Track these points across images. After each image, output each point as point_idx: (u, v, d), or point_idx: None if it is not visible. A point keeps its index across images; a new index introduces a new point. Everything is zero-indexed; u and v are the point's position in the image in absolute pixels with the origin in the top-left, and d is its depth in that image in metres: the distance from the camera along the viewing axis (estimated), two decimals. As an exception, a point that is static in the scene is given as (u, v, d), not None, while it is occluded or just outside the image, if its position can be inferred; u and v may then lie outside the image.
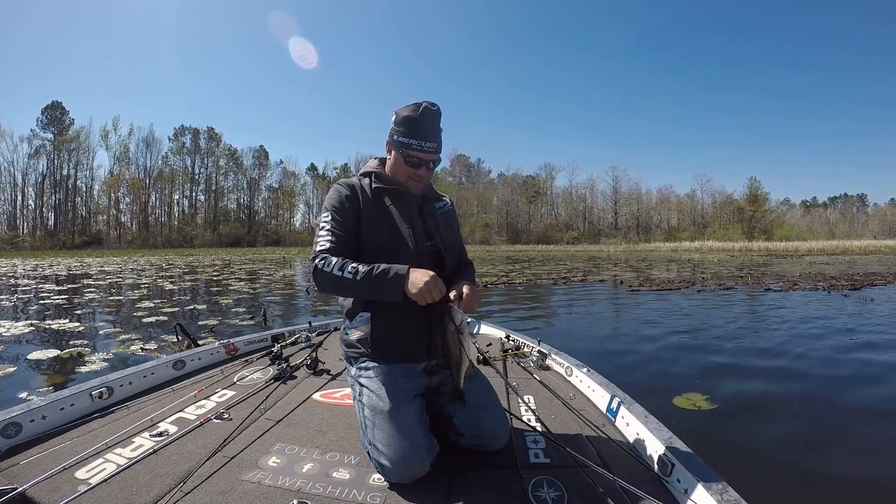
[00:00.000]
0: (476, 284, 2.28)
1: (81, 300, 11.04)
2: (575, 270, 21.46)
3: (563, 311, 9.90)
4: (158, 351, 5.55)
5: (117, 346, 5.89)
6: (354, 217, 2.21)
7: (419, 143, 2.20)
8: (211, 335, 6.54)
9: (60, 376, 4.70)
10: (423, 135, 2.19)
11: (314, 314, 9.15)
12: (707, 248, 58.54)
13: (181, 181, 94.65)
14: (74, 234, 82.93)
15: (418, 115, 2.18)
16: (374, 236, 2.20)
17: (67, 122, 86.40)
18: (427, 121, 2.19)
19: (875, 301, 10.40)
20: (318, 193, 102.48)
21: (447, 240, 2.37)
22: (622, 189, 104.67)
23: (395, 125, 2.24)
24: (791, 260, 32.47)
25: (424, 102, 2.20)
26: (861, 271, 19.61)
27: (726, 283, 14.73)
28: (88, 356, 5.40)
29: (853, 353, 5.77)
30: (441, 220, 2.41)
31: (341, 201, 2.23)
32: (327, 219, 2.21)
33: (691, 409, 3.94)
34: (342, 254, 2.14)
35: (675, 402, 4.07)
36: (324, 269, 2.08)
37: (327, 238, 2.17)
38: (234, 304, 10.40)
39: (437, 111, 2.23)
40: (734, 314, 8.96)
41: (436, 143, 2.24)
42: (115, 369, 4.82)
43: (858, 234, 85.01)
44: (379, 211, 2.24)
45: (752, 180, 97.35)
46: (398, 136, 2.22)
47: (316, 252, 2.15)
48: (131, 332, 6.83)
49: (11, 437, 2.17)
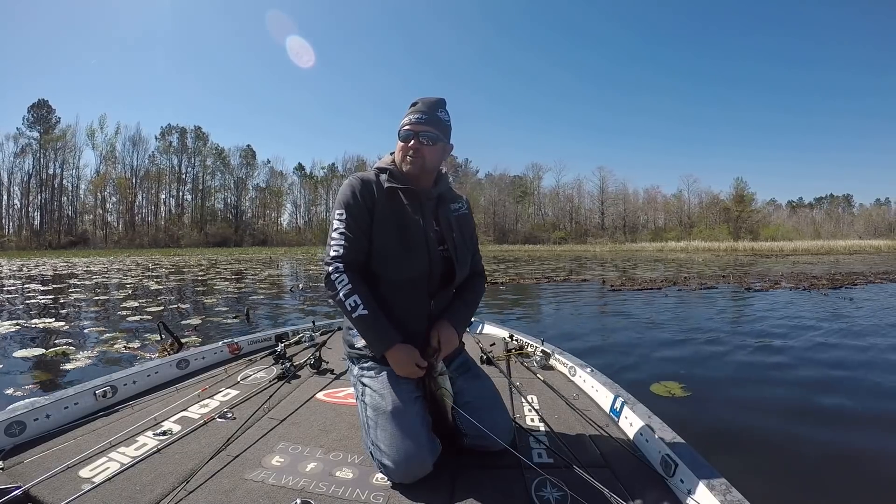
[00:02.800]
0: (468, 312, 2.40)
1: (67, 300, 11.09)
2: (559, 270, 21.64)
3: (543, 308, 10.21)
4: (142, 349, 5.67)
5: (101, 345, 6.00)
6: (368, 215, 2.19)
7: (410, 119, 2.22)
8: (194, 334, 6.68)
9: (46, 374, 4.80)
10: (414, 112, 2.23)
11: (301, 314, 9.29)
12: (693, 248, 59.07)
13: (168, 180, 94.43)
14: (60, 233, 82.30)
15: (415, 101, 2.27)
16: (386, 238, 2.18)
17: (54, 120, 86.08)
18: (422, 102, 2.26)
19: (854, 300, 10.62)
20: (306, 193, 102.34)
21: (459, 247, 2.34)
22: (609, 189, 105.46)
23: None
24: (775, 260, 32.79)
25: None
26: (844, 271, 19.92)
27: (708, 282, 14.96)
28: (73, 354, 5.49)
29: (822, 347, 6.11)
30: (455, 225, 2.38)
31: (355, 197, 2.19)
32: (341, 217, 2.18)
33: (666, 396, 4.27)
34: (355, 260, 2.15)
35: (651, 388, 4.42)
36: (335, 284, 2.09)
37: (340, 242, 2.14)
38: (217, 303, 10.49)
39: (437, 98, 2.30)
40: (713, 311, 9.30)
41: (427, 115, 2.24)
42: (98, 367, 5.00)
43: (844, 235, 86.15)
44: (392, 211, 2.21)
45: (738, 181, 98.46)
46: (400, 126, 2.28)
47: (330, 258, 2.14)
48: (115, 331, 6.94)
49: (15, 436, 2.19)
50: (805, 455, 3.20)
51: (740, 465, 2.97)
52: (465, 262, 2.36)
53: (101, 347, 5.87)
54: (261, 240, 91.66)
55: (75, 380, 4.55)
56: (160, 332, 5.40)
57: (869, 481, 2.89)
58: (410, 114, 2.24)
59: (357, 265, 2.16)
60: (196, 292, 13.02)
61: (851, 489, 2.81)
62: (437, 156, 2.30)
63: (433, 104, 2.26)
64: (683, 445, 2.04)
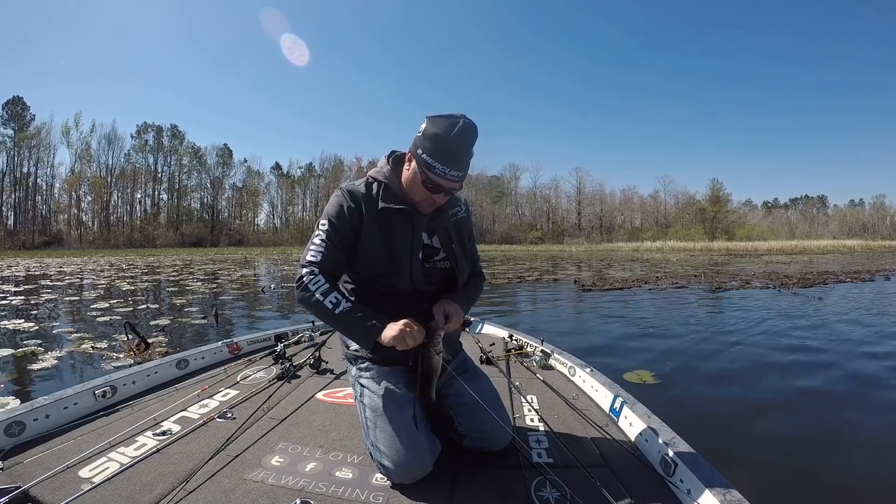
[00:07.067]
0: (469, 300, 2.29)
1: (38, 300, 11.15)
2: (532, 270, 21.92)
3: (517, 307, 10.53)
4: (109, 350, 5.82)
5: (70, 345, 6.14)
6: (352, 232, 2.09)
7: (442, 170, 1.96)
8: (161, 334, 6.87)
9: (13, 374, 4.94)
10: (449, 160, 1.96)
11: (272, 313, 9.49)
12: (668, 248, 59.91)
13: (143, 180, 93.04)
14: (34, 233, 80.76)
15: (450, 137, 1.93)
16: (370, 255, 2.11)
17: (28, 117, 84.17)
18: (458, 145, 1.96)
19: (822, 299, 11.03)
20: (283, 193, 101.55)
21: (460, 257, 2.26)
22: (586, 190, 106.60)
23: (423, 137, 1.99)
24: (749, 259, 33.35)
25: (461, 121, 1.96)
26: (816, 270, 20.40)
27: (679, 281, 15.29)
28: (42, 355, 5.62)
29: (782, 340, 6.67)
30: (454, 233, 2.28)
31: (342, 213, 2.09)
32: (324, 228, 2.09)
33: (638, 383, 4.65)
34: (330, 271, 2.07)
35: (624, 377, 4.80)
36: (308, 286, 2.00)
37: (320, 249, 2.06)
38: (188, 303, 10.63)
39: (473, 133, 2.00)
40: (683, 309, 9.76)
41: (462, 171, 2.01)
42: (67, 367, 5.17)
43: (819, 235, 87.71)
44: (381, 231, 2.11)
45: (714, 182, 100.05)
46: (422, 152, 1.98)
47: (306, 261, 2.06)
48: (84, 332, 7.08)
49: (15, 436, 2.19)
50: (753, 419, 3.86)
51: (704, 434, 3.38)
52: (465, 270, 2.29)
53: (70, 348, 6.01)
54: (237, 240, 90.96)
55: (48, 378, 4.79)
56: (126, 332, 5.52)
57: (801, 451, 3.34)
58: (448, 162, 1.96)
59: (331, 275, 2.09)
60: (168, 293, 13.12)
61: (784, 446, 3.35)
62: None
63: (470, 148, 2.02)
64: (683, 445, 2.05)
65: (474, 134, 1.99)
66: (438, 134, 1.94)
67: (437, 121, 1.96)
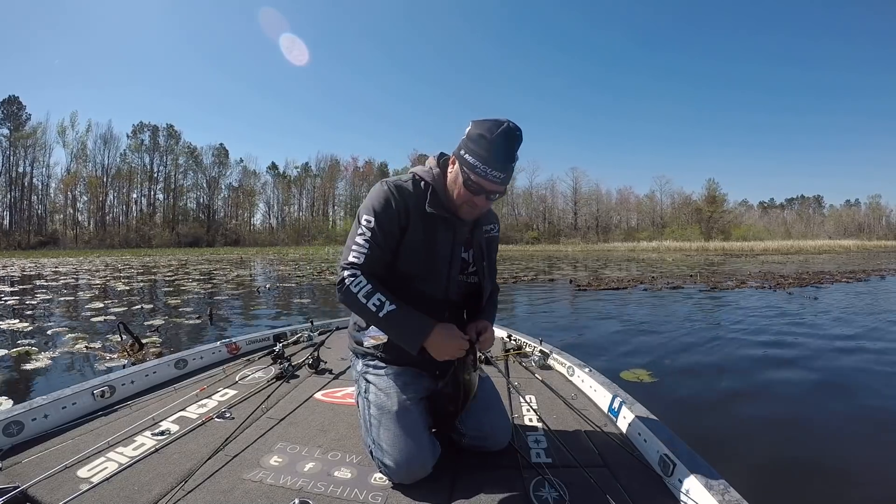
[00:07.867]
0: (493, 318, 2.33)
1: (33, 301, 11.09)
2: (528, 270, 21.91)
3: (513, 307, 10.47)
4: (103, 350, 5.79)
5: (64, 345, 6.12)
6: (399, 233, 2.06)
7: (484, 170, 1.94)
8: (155, 334, 6.83)
9: (7, 374, 4.92)
10: (492, 161, 1.93)
11: (268, 312, 9.47)
12: (664, 248, 60.00)
13: (139, 179, 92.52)
14: (30, 233, 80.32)
15: (493, 137, 1.91)
16: (409, 257, 2.08)
17: (24, 117, 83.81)
18: (502, 146, 1.92)
19: (818, 299, 11.05)
20: (279, 192, 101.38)
21: (486, 272, 2.27)
22: (582, 190, 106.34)
23: (466, 138, 1.98)
24: (745, 259, 33.41)
25: (506, 123, 1.93)
26: (811, 270, 20.49)
27: (675, 281, 15.30)
28: (35, 355, 5.60)
29: (777, 338, 6.70)
30: (485, 250, 2.30)
31: (389, 210, 2.04)
32: (370, 226, 2.03)
33: (635, 381, 4.67)
34: (373, 272, 2.03)
35: (621, 375, 4.83)
36: (351, 289, 1.97)
37: (363, 250, 2.02)
38: (182, 304, 10.60)
39: (518, 137, 1.96)
40: (678, 309, 9.79)
41: (504, 173, 1.98)
42: (61, 367, 5.14)
43: (814, 235, 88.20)
44: (425, 237, 2.09)
45: (710, 182, 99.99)
46: (465, 153, 1.97)
47: (348, 262, 2.02)
48: (78, 332, 7.05)
49: (13, 436, 2.19)
50: (748, 414, 3.94)
51: (698, 428, 3.52)
52: (488, 287, 2.30)
53: (64, 348, 5.98)
54: (233, 240, 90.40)
55: (41, 374, 4.78)
56: (119, 332, 5.51)
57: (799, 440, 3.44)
58: (490, 162, 1.94)
59: (374, 275, 2.04)
60: (163, 293, 13.06)
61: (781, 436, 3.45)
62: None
63: (514, 152, 1.98)
64: (682, 445, 2.05)
65: (518, 137, 1.96)
66: (482, 135, 1.93)
67: (482, 123, 1.96)
